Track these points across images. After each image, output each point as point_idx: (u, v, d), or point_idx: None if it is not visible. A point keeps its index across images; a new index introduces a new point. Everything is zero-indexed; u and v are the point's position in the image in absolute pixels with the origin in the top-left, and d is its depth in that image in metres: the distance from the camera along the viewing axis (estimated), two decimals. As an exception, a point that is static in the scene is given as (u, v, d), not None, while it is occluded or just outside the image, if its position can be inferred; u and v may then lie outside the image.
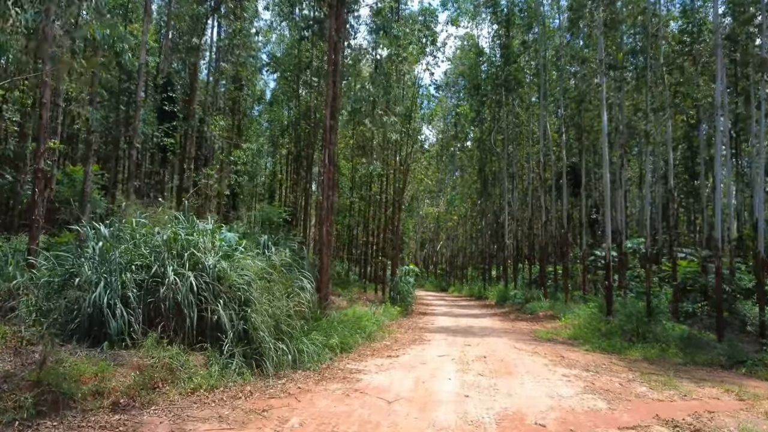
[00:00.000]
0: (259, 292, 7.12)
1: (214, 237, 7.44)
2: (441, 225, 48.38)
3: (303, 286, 7.69)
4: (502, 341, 11.64)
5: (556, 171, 23.33)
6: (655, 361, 10.22)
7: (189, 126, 13.82)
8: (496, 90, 26.89)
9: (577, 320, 14.61)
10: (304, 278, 8.00)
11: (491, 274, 33.63)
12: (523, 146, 28.09)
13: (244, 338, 6.79)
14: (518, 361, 9.04)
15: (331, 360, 8.16)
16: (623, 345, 11.33)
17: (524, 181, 30.65)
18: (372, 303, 18.29)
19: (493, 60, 29.44)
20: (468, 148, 38.58)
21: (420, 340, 11.59)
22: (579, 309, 15.79)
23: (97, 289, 6.03)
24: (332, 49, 11.03)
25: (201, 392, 5.83)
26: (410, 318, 17.04)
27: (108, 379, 5.30)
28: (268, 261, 7.69)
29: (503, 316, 18.28)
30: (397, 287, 18.72)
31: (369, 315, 13.82)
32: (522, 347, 10.80)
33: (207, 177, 13.75)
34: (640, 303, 14.94)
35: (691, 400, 7.02)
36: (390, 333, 12.67)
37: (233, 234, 8.06)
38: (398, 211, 21.48)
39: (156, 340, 6.11)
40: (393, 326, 14.19)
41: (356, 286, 24.83)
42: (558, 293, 20.74)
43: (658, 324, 12.61)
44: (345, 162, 30.72)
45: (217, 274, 6.86)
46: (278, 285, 7.53)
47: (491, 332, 13.47)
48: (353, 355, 8.92)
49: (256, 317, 6.78)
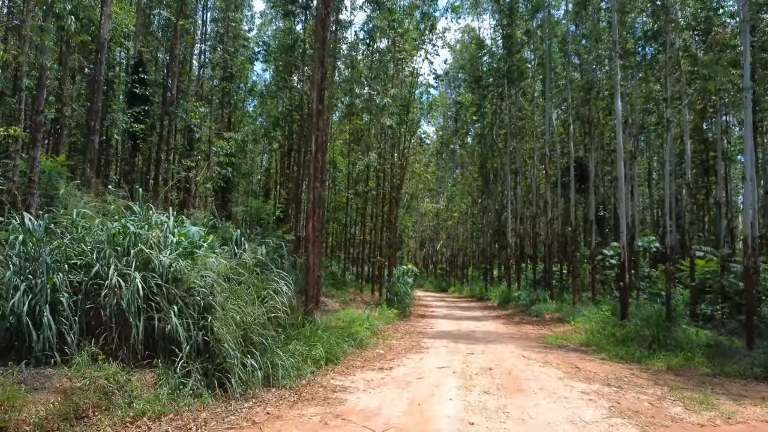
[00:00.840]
0: (224, 296, 6.00)
1: (173, 231, 6.32)
2: (441, 224, 47.26)
3: (278, 288, 6.57)
4: (508, 349, 10.52)
5: (561, 166, 22.22)
6: (681, 371, 9.09)
7: (166, 113, 12.66)
8: (498, 82, 25.78)
9: (589, 324, 13.49)
10: (281, 279, 6.86)
11: (493, 274, 32.51)
12: (527, 141, 26.98)
13: (204, 352, 5.67)
14: (529, 374, 7.92)
15: (312, 374, 7.04)
16: (642, 353, 10.20)
17: (527, 177, 29.56)
18: (367, 305, 17.19)
19: (495, 52, 28.35)
20: (468, 145, 37.51)
21: (417, 347, 10.47)
22: (589, 312, 14.67)
23: (17, 294, 4.91)
24: (320, 23, 9.90)
25: (143, 421, 4.71)
26: (408, 321, 15.92)
27: (16, 409, 4.17)
28: (239, 260, 6.57)
29: (507, 319, 17.16)
30: (394, 288, 17.61)
31: (362, 319, 12.72)
32: (531, 356, 9.68)
33: (187, 169, 12.63)
34: (655, 305, 13.85)
35: (736, 424, 5.91)
36: (385, 339, 11.56)
37: (198, 228, 6.94)
38: (396, 208, 20.37)
39: (91, 356, 4.99)
40: (389, 331, 13.09)
41: (353, 287, 23.73)
42: (564, 294, 19.62)
43: (678, 328, 11.52)
44: (342, 158, 29.62)
45: (174, 275, 5.75)
46: (250, 288, 6.41)
47: (496, 338, 12.35)
48: (340, 367, 7.80)
49: (220, 326, 5.66)
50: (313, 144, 9.88)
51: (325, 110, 10.67)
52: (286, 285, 6.84)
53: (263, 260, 7.10)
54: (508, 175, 25.30)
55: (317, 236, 10.65)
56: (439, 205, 33.26)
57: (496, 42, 28.19)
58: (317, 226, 10.65)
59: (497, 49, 28.07)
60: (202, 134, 14.75)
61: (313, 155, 9.80)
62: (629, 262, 20.67)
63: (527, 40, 23.09)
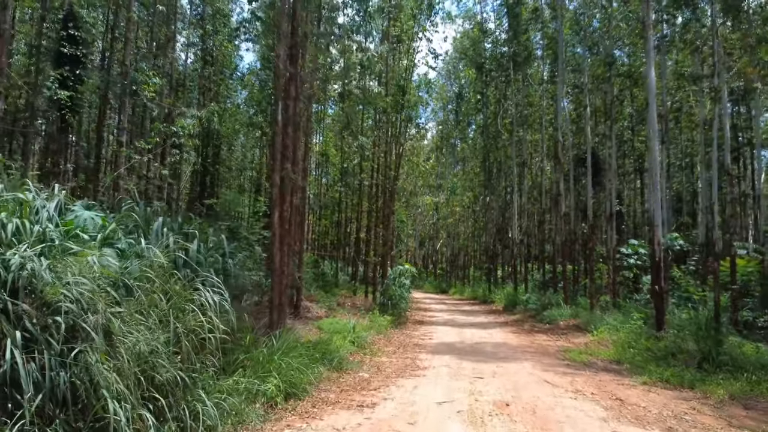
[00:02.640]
0: (118, 313, 3.98)
1: (50, 218, 4.29)
2: (441, 221, 45.25)
3: (205, 300, 4.54)
4: (525, 369, 8.48)
5: (573, 157, 20.20)
6: (750, 401, 7.06)
7: (110, 81, 10.65)
8: (504, 65, 23.76)
9: (616, 335, 11.46)
10: (214, 288, 4.82)
11: (496, 275, 30.47)
12: (535, 130, 24.96)
13: (73, 402, 3.64)
14: (560, 413, 5.88)
15: (262, 419, 5.01)
16: (692, 374, 8.17)
17: (533, 170, 27.55)
18: (358, 310, 15.17)
19: (498, 37, 26.38)
20: (470, 138, 35.51)
21: (412, 368, 8.44)
22: (614, 319, 12.64)
23: None
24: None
25: None
26: (403, 329, 13.90)
27: None
28: (148, 260, 4.54)
29: (516, 327, 15.12)
30: (388, 291, 15.57)
31: (347, 329, 10.70)
32: (556, 380, 7.64)
33: (140, 152, 10.62)
34: (692, 313, 11.83)
35: None
36: (373, 354, 9.54)
37: (93, 213, 4.93)
38: (391, 201, 18.33)
39: None
40: (379, 343, 11.06)
41: (345, 289, 21.72)
42: (579, 298, 17.59)
43: (725, 341, 9.49)
44: (335, 151, 27.69)
45: (28, 283, 3.72)
46: (163, 301, 4.38)
47: (508, 352, 10.30)
48: (305, 404, 5.75)
49: (99, 362, 3.64)
50: (280, 114, 7.84)
51: (299, 75, 8.63)
52: (220, 296, 4.80)
53: (186, 259, 5.09)
54: (514, 168, 23.23)
55: (287, 230, 8.61)
56: (438, 198, 31.17)
57: (500, 25, 26.21)
58: (287, 217, 8.62)
59: (501, 33, 26.14)
60: (161, 112, 12.76)
61: (280, 127, 7.77)
62: (642, 263, 18.71)
63: (535, 18, 21.04)
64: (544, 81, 21.67)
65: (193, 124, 11.16)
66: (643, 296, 16.97)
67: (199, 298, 4.57)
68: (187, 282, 4.65)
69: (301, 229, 12.75)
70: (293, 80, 8.39)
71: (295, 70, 8.46)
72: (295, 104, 8.19)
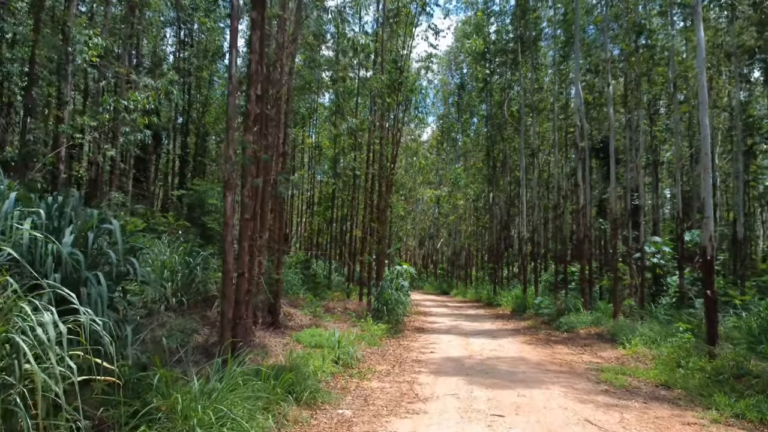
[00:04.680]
0: None
1: None
2: (441, 220, 43.35)
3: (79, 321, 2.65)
4: (556, 401, 6.56)
5: (590, 145, 18.30)
6: None
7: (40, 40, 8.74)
8: (511, 48, 21.89)
9: (656, 348, 9.56)
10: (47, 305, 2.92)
11: (502, 275, 28.57)
12: (543, 118, 23.06)
13: None
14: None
15: None
16: (773, 406, 6.28)
17: (541, 162, 25.67)
18: (349, 316, 13.25)
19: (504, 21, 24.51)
20: (473, 130, 33.63)
21: (409, 400, 6.53)
22: (649, 329, 10.71)
23: None
24: None
25: None
26: (401, 339, 12.01)
27: None
28: None
29: (530, 336, 13.20)
30: (382, 296, 13.67)
31: (331, 343, 8.81)
32: (601, 420, 5.73)
33: (81, 130, 8.72)
34: (743, 322, 9.95)
35: None
36: (361, 377, 7.63)
37: None
38: (387, 193, 16.42)
39: None
40: (371, 359, 9.17)
41: (339, 291, 19.81)
42: (599, 302, 15.69)
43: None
44: (329, 143, 25.82)
45: None
46: None
47: (528, 372, 8.38)
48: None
49: None
50: (231, 65, 5.92)
51: (263, 21, 6.74)
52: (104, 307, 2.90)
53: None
54: (523, 159, 21.28)
55: (249, 221, 6.69)
56: (439, 191, 29.24)
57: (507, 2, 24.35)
58: (249, 204, 6.72)
59: (506, 18, 24.28)
60: (109, 81, 10.95)
61: (231, 82, 5.86)
62: (664, 263, 16.78)
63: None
64: (555, 63, 19.76)
65: (147, 97, 9.26)
66: (668, 300, 15.12)
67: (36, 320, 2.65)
68: (22, 294, 2.74)
69: (279, 222, 10.83)
70: (259, 25, 6.49)
71: (261, 18, 6.55)
72: (261, 30, 6.29)
